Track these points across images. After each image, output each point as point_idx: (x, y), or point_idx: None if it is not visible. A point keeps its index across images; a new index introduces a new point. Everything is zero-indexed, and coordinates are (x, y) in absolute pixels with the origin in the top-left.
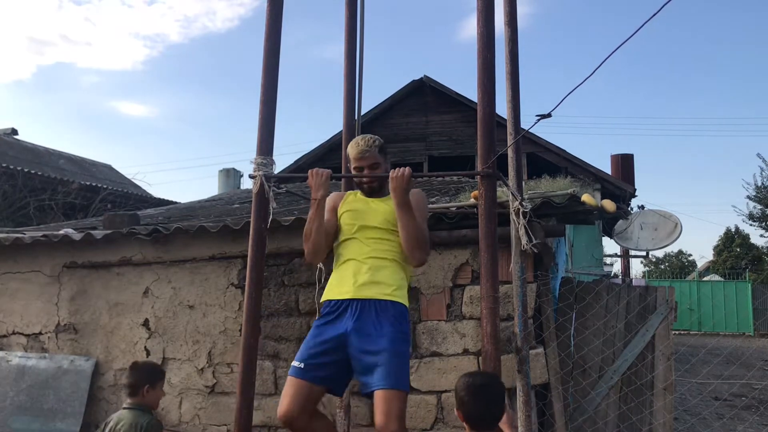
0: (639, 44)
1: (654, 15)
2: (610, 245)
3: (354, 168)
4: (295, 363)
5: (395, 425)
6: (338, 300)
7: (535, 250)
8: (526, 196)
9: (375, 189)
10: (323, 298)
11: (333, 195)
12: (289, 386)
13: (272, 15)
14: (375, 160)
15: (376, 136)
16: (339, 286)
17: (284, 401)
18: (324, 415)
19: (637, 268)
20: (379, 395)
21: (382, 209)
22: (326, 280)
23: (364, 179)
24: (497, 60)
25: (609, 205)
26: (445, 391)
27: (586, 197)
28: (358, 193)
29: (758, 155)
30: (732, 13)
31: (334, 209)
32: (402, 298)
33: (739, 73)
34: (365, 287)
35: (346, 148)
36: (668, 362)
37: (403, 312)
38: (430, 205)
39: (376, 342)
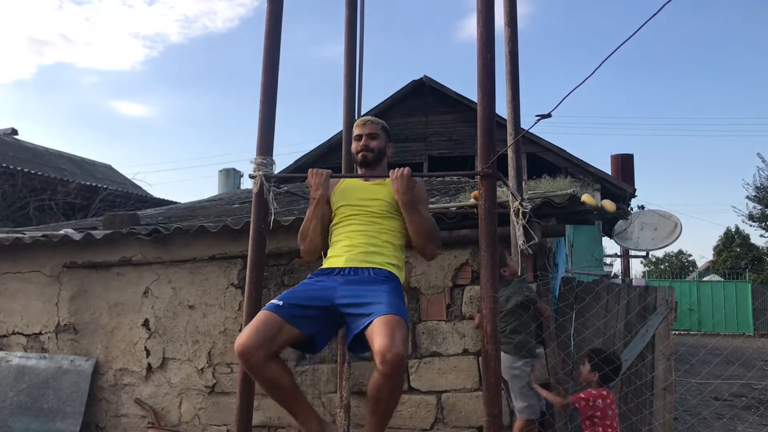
0: (639, 44)
1: (654, 15)
2: (610, 245)
3: (354, 136)
4: (273, 300)
5: (400, 347)
6: (332, 267)
7: (530, 251)
8: (526, 196)
9: (369, 159)
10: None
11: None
12: (258, 317)
13: (272, 15)
14: (375, 131)
15: (383, 121)
16: (333, 257)
17: (246, 331)
18: (285, 365)
19: (637, 268)
20: (379, 321)
21: (378, 192)
22: None
23: (361, 148)
24: (497, 60)
25: (609, 205)
26: (445, 391)
27: (586, 197)
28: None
29: (758, 155)
30: (732, 13)
31: (328, 202)
32: (398, 273)
33: (739, 73)
34: (361, 257)
35: (345, 148)
36: (668, 362)
37: (399, 285)
38: (430, 205)
39: (371, 286)
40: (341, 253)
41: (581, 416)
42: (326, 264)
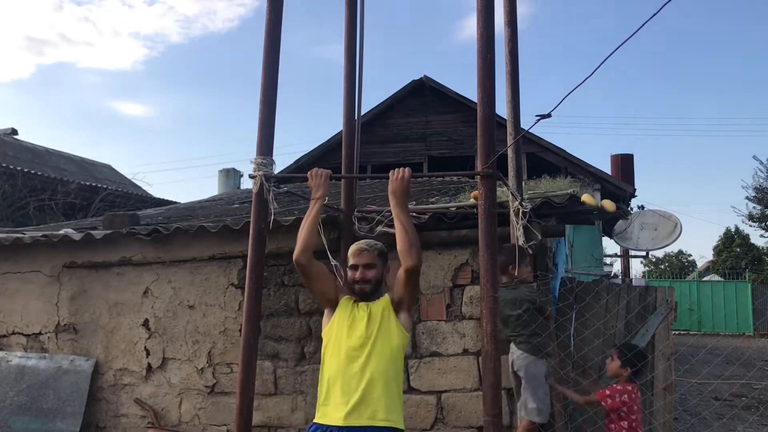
0: (639, 44)
1: (654, 15)
2: (610, 245)
3: (349, 266)
4: None
5: None
6: (328, 426)
7: (530, 251)
8: (526, 196)
9: (366, 293)
10: (315, 420)
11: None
12: None
13: (272, 15)
14: (372, 260)
15: (380, 243)
16: (326, 408)
17: None
18: None
19: (637, 268)
20: None
21: (374, 312)
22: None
23: (357, 279)
24: (497, 60)
25: (609, 205)
26: (445, 391)
27: (586, 197)
28: (351, 299)
29: (754, 157)
30: (732, 13)
31: (338, 291)
32: (397, 422)
33: (739, 72)
34: (356, 412)
35: (346, 148)
36: (668, 362)
37: None
38: (430, 206)
39: None
40: (338, 403)
41: (608, 412)
42: (322, 418)
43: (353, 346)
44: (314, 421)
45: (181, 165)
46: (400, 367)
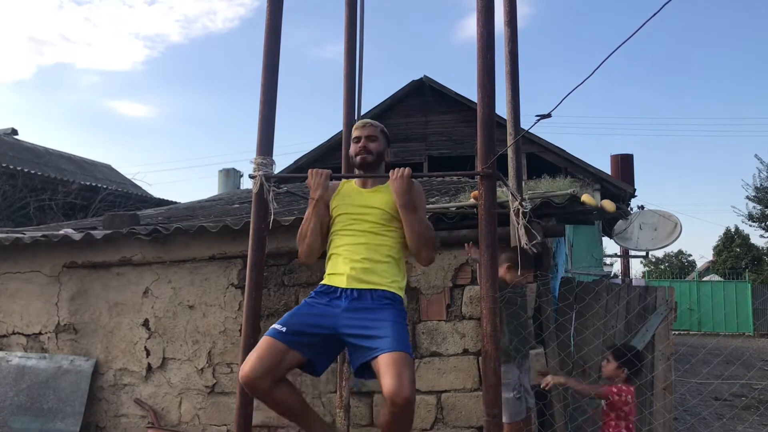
0: (639, 44)
1: (654, 15)
2: (610, 245)
3: (352, 139)
4: (275, 326)
5: (409, 390)
6: (334, 286)
7: (535, 250)
8: (526, 196)
9: (368, 163)
10: (322, 282)
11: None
12: (261, 345)
13: (272, 15)
14: (374, 133)
15: (381, 125)
16: (334, 274)
17: (251, 359)
18: (293, 384)
19: (636, 268)
20: (386, 358)
21: (378, 201)
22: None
23: (359, 149)
24: (497, 60)
25: (609, 205)
26: (445, 391)
27: (585, 197)
28: (353, 182)
29: (756, 156)
30: (732, 13)
31: (327, 203)
32: (400, 291)
33: (739, 72)
34: (362, 276)
35: (345, 148)
36: (668, 362)
37: (402, 307)
38: (430, 206)
39: (375, 315)
40: (342, 269)
41: (606, 408)
42: (327, 280)
43: (362, 216)
44: (321, 282)
45: (181, 165)
46: (399, 243)
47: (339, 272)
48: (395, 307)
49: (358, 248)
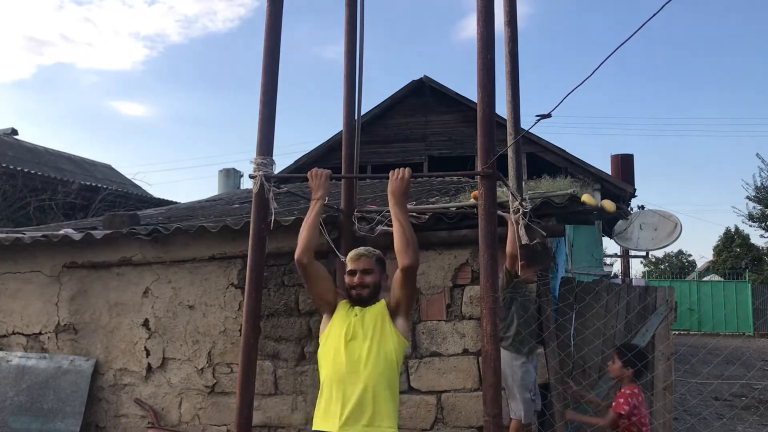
0: (639, 44)
1: (654, 15)
2: (610, 245)
3: (347, 270)
4: None
5: None
6: None
7: (540, 248)
8: (526, 196)
9: (364, 298)
10: (314, 427)
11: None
12: None
13: (272, 15)
14: (369, 266)
15: (378, 250)
16: (325, 415)
17: None
18: None
19: (637, 268)
20: None
21: (370, 317)
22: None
23: (355, 284)
24: (497, 60)
25: (609, 205)
26: (445, 391)
27: (586, 197)
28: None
29: (757, 155)
30: (732, 13)
31: (336, 295)
32: (392, 427)
33: (739, 72)
34: (352, 419)
35: (346, 148)
36: (668, 362)
37: None
38: (430, 206)
39: None
40: (335, 410)
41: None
42: (320, 425)
43: (348, 352)
44: (313, 428)
45: (181, 165)
46: (395, 372)
47: (331, 417)
48: None
49: (350, 388)
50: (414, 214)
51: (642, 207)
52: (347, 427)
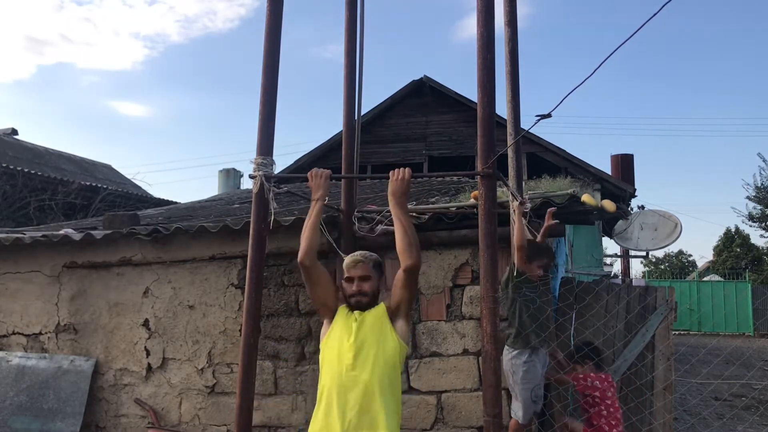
0: (639, 44)
1: (654, 15)
2: (610, 245)
3: (345, 278)
4: None
5: None
6: None
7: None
8: (526, 196)
9: (363, 305)
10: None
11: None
12: None
13: (272, 15)
14: (367, 272)
15: (375, 254)
16: (326, 420)
17: None
18: None
19: (637, 268)
20: None
21: (370, 322)
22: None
23: (353, 292)
24: (497, 60)
25: (609, 205)
26: (445, 391)
27: (586, 197)
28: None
29: (758, 155)
30: (732, 13)
31: (337, 299)
32: (393, 431)
33: (739, 72)
34: (354, 423)
35: (346, 148)
36: (668, 362)
37: None
38: (430, 206)
39: None
40: (337, 416)
41: (579, 397)
42: (322, 430)
43: (348, 357)
44: None
45: (181, 165)
46: (396, 376)
47: (332, 417)
48: None
49: (351, 397)
50: (414, 214)
51: (642, 207)
52: None
